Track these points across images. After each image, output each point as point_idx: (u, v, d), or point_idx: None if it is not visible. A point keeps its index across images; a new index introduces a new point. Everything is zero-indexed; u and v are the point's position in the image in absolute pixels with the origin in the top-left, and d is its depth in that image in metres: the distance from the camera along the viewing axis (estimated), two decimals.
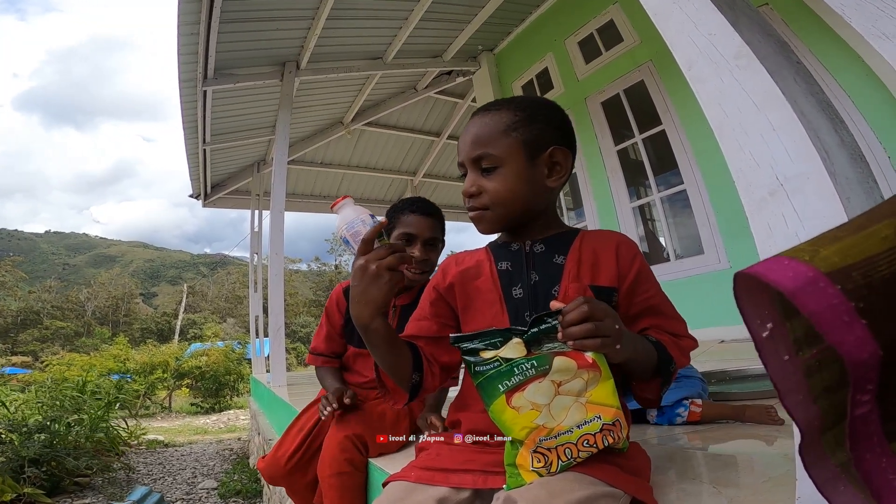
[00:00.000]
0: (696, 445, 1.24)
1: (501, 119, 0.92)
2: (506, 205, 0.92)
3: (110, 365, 12.59)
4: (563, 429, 0.75)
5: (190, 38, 4.14)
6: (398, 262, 0.85)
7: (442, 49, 5.45)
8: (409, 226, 1.52)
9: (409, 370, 0.92)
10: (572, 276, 0.91)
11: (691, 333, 0.95)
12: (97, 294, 54.40)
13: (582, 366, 0.76)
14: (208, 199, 7.67)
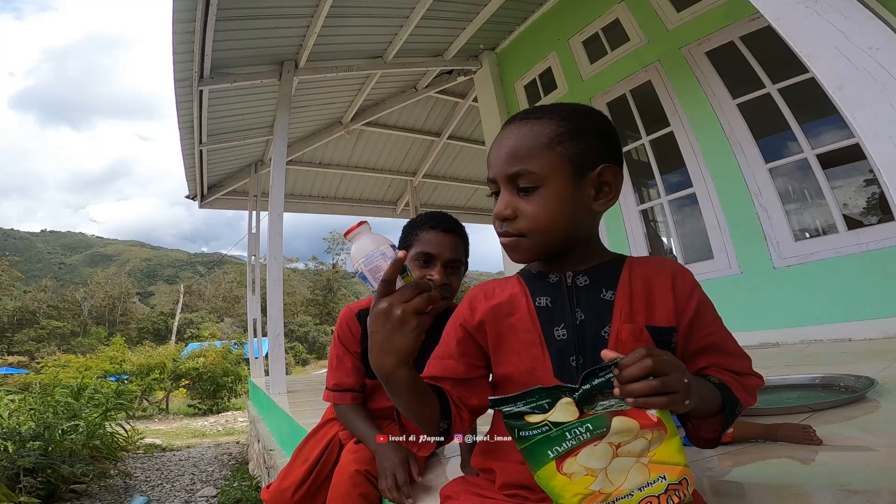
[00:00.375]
0: (732, 470, 1.16)
1: (543, 130, 0.80)
2: (546, 232, 0.80)
3: (106, 367, 12.51)
4: (623, 493, 0.66)
5: (185, 37, 4.05)
6: (426, 305, 0.74)
7: (443, 48, 5.36)
8: (429, 244, 1.34)
9: (437, 417, 0.82)
10: (625, 316, 0.80)
11: (756, 371, 0.85)
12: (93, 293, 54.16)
13: (645, 425, 0.67)
14: (205, 201, 7.61)
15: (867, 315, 2.94)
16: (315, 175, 8.14)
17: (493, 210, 0.84)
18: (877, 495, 0.84)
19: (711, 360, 0.83)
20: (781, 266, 3.35)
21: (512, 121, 0.85)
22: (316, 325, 38.79)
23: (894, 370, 2.10)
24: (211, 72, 4.54)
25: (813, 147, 3.23)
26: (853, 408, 1.58)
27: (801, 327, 3.21)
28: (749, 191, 3.51)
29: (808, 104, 3.30)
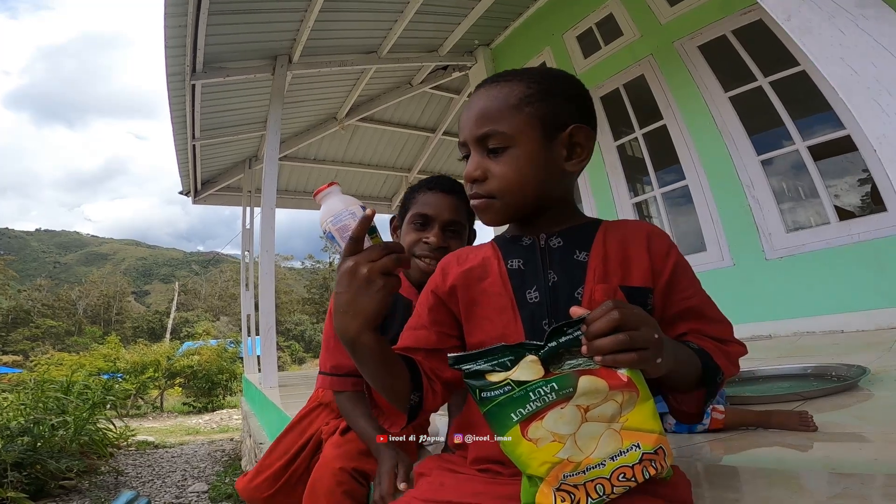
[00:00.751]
0: (724, 457, 1.15)
1: (513, 91, 0.78)
2: (517, 192, 0.78)
3: (100, 364, 12.45)
4: (594, 462, 0.62)
5: (177, 31, 4.03)
6: (395, 265, 0.70)
7: (438, 43, 5.35)
8: (426, 205, 1.24)
9: (407, 390, 0.78)
10: (599, 276, 0.77)
11: (738, 338, 0.82)
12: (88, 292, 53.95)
13: (615, 386, 0.62)
14: (198, 196, 7.58)
15: (859, 306, 2.95)
16: (310, 171, 8.12)
17: (465, 172, 0.82)
18: (870, 479, 0.84)
19: (690, 326, 0.80)
20: (773, 258, 3.36)
21: (482, 84, 0.83)
22: (313, 323, 38.72)
23: (887, 360, 2.11)
24: (204, 66, 4.53)
25: (804, 139, 3.24)
26: (846, 396, 1.58)
27: (793, 319, 3.22)
28: (741, 183, 3.52)
29: (800, 98, 3.31)
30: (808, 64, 3.16)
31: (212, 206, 8.35)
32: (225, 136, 6.25)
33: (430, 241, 1.21)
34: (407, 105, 6.83)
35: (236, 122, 6.12)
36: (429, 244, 1.21)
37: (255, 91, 5.44)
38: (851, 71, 0.55)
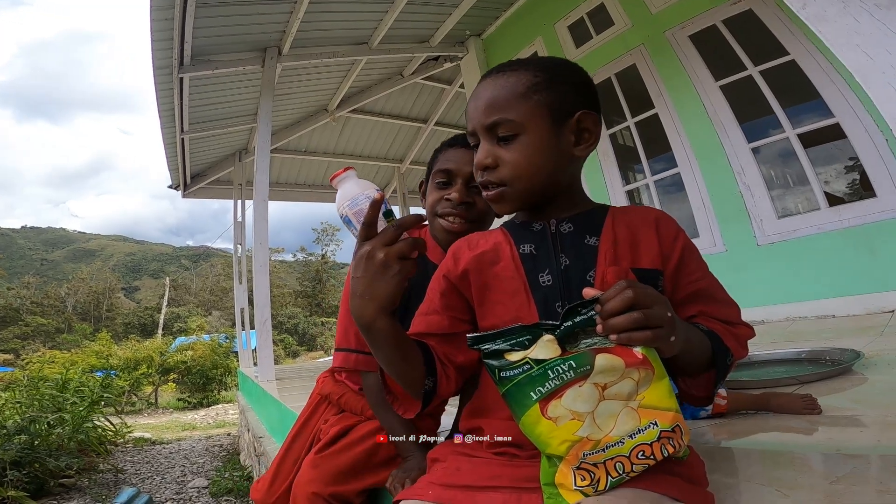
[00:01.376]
0: (730, 441, 1.17)
1: (520, 80, 0.79)
2: (528, 178, 0.79)
3: (93, 361, 12.36)
4: (613, 440, 0.63)
5: (164, 24, 3.98)
6: (411, 249, 0.71)
7: (429, 34, 5.32)
8: (447, 161, 1.18)
9: (421, 375, 0.79)
10: (609, 260, 0.78)
11: (745, 321, 0.83)
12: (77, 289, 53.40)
13: (631, 364, 0.64)
14: (188, 190, 7.52)
15: (850, 291, 3.00)
16: (301, 163, 8.07)
17: (474, 161, 0.83)
18: (876, 460, 0.86)
19: (700, 308, 0.81)
20: (765, 243, 3.41)
21: (488, 74, 0.84)
22: (306, 316, 38.66)
23: (879, 345, 2.15)
24: (191, 59, 4.47)
25: (794, 127, 3.28)
26: (841, 380, 1.61)
27: (785, 304, 3.28)
28: (732, 170, 3.56)
29: (789, 87, 3.35)
30: (797, 53, 3.19)
31: (201, 199, 8.30)
32: (214, 129, 6.18)
33: (452, 197, 1.15)
34: (398, 96, 6.79)
35: (226, 115, 6.06)
36: (451, 200, 1.15)
37: (245, 83, 5.39)
38: (867, 57, 0.57)
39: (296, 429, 1.41)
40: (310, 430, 1.38)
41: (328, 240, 47.96)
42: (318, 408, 1.41)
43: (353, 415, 1.31)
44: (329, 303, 43.76)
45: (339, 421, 1.30)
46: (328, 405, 1.39)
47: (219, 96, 5.53)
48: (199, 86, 5.07)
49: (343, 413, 1.34)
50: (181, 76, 4.59)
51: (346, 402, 1.33)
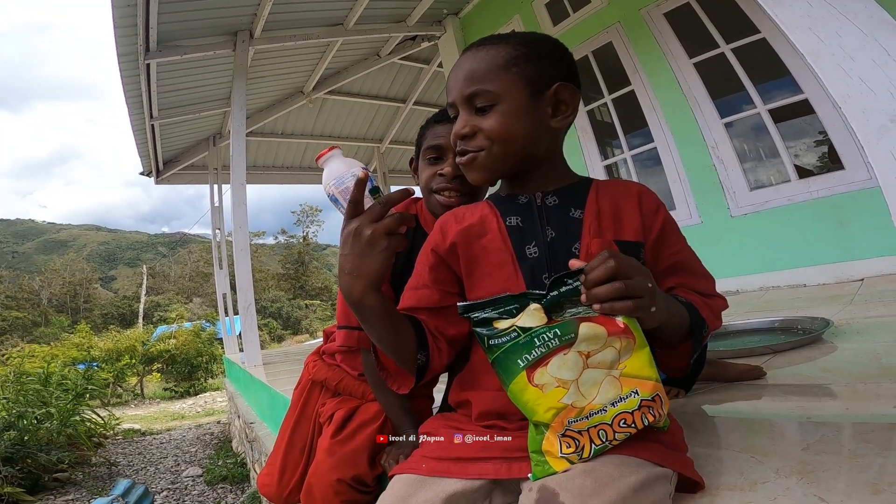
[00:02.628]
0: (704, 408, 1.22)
1: (500, 53, 0.81)
2: (504, 145, 0.80)
3: (74, 354, 12.17)
4: (596, 407, 0.66)
5: (126, 10, 3.85)
6: (398, 225, 0.72)
7: (405, 14, 5.22)
8: (436, 137, 1.16)
9: (413, 349, 0.80)
10: (594, 232, 0.80)
11: (720, 292, 0.86)
12: (50, 281, 52.01)
13: (613, 332, 0.66)
14: (161, 177, 7.37)
15: (821, 260, 3.12)
16: (278, 146, 7.94)
17: (453, 130, 0.84)
18: (844, 427, 0.91)
19: (679, 280, 0.85)
20: (738, 214, 3.52)
21: (469, 48, 0.86)
22: (289, 299, 38.31)
23: (848, 313, 2.24)
24: (158, 45, 4.34)
25: (765, 103, 3.36)
26: (812, 349, 1.68)
27: (759, 274, 3.40)
28: (706, 145, 3.64)
29: (760, 64, 3.42)
30: (767, 32, 3.24)
31: (176, 185, 8.13)
32: (186, 114, 6.03)
33: (445, 172, 1.14)
34: (376, 76, 6.69)
35: (197, 100, 5.91)
36: (444, 175, 1.14)
37: (216, 68, 5.25)
38: (818, 39, 0.60)
39: (294, 417, 1.40)
40: (309, 417, 1.37)
41: (309, 221, 47.37)
42: (311, 393, 1.40)
43: (353, 398, 1.32)
44: (312, 285, 43.43)
45: (340, 404, 1.30)
46: (323, 389, 1.38)
47: (189, 81, 5.38)
48: (168, 71, 4.93)
49: (340, 396, 1.34)
50: (148, 62, 4.46)
51: (346, 387, 1.33)
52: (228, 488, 4.15)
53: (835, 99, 0.62)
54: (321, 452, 1.22)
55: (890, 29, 0.56)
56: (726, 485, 0.76)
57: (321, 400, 1.37)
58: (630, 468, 0.65)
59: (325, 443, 1.22)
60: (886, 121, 0.56)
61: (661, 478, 0.67)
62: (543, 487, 0.64)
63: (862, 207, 2.95)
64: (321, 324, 34.05)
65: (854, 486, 0.68)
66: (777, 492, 0.71)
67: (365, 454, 1.19)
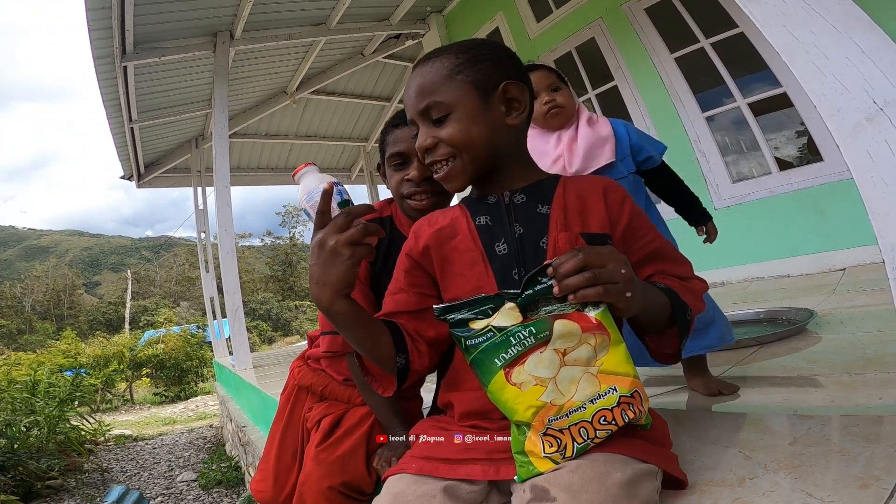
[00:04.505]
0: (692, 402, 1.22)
1: (444, 64, 0.84)
2: (467, 149, 0.83)
3: (60, 361, 12.02)
4: (575, 405, 0.66)
5: (101, 13, 3.79)
6: (362, 235, 0.73)
7: (388, 12, 5.20)
8: (397, 143, 1.16)
9: (391, 352, 0.82)
10: (560, 226, 0.82)
11: (698, 275, 0.88)
12: (33, 288, 51.11)
13: (586, 329, 0.67)
14: (143, 180, 7.27)
15: (803, 251, 3.18)
16: (262, 147, 7.87)
17: (416, 146, 0.87)
18: (829, 420, 0.92)
19: (655, 268, 0.86)
20: (721, 207, 3.57)
21: (417, 65, 0.89)
22: (278, 301, 38.03)
23: (832, 303, 2.27)
24: (135, 47, 4.27)
25: (745, 97, 3.41)
26: (797, 340, 1.70)
27: (743, 265, 3.46)
28: (689, 138, 3.69)
29: (739, 58, 3.47)
30: (745, 26, 3.29)
31: (158, 188, 8.02)
32: (166, 116, 5.95)
33: (412, 177, 1.14)
34: (360, 75, 6.65)
35: (178, 102, 5.83)
36: (412, 180, 1.15)
37: (196, 69, 5.19)
38: (793, 37, 0.60)
39: (283, 422, 1.40)
40: (297, 421, 1.38)
41: (294, 222, 46.95)
42: (298, 397, 1.41)
43: (340, 402, 1.32)
44: (301, 286, 43.08)
45: (327, 409, 1.31)
46: (309, 394, 1.39)
47: (169, 83, 5.31)
48: (146, 73, 4.86)
49: (327, 401, 1.34)
50: (125, 65, 4.39)
51: (332, 392, 1.34)
52: (224, 492, 4.14)
53: (810, 97, 0.63)
54: (309, 461, 1.22)
55: (864, 26, 0.57)
56: (715, 481, 0.77)
57: (308, 405, 1.38)
58: (616, 465, 0.66)
59: (311, 451, 1.23)
60: (861, 119, 0.56)
61: (647, 474, 0.68)
62: (534, 486, 0.66)
63: (841, 198, 3.01)
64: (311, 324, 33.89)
65: (841, 481, 0.69)
66: (765, 487, 0.72)
67: (354, 460, 1.19)
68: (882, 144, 0.55)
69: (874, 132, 0.55)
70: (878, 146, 0.55)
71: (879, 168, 0.55)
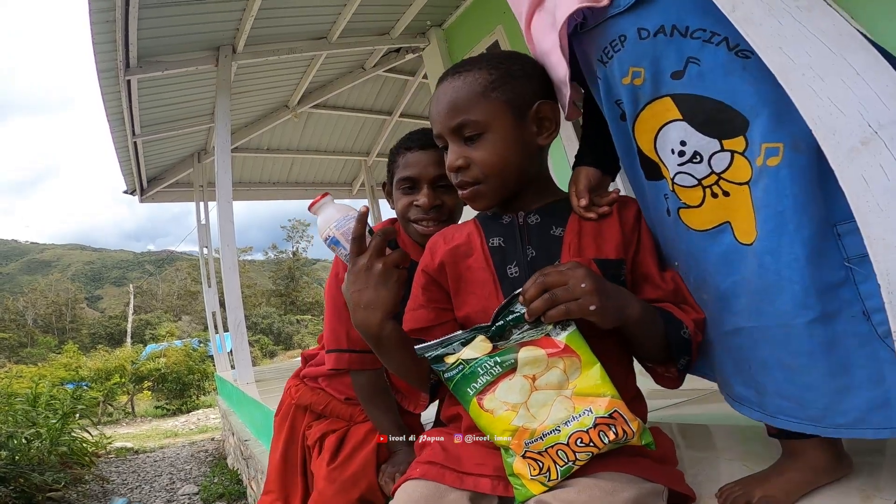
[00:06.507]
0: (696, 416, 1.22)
1: (477, 80, 0.82)
2: (500, 174, 0.81)
3: (62, 374, 12.05)
4: (548, 428, 0.67)
5: (105, 27, 3.83)
6: (402, 259, 0.76)
7: (389, 26, 5.26)
8: (408, 167, 1.16)
9: (426, 370, 0.83)
10: (573, 251, 0.81)
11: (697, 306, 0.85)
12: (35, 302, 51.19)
13: (553, 353, 0.68)
14: (146, 195, 7.30)
15: None
16: (264, 161, 7.92)
17: (446, 164, 0.85)
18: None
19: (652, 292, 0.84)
20: None
21: (445, 77, 0.87)
22: (280, 315, 38.03)
23: None
24: (138, 61, 4.32)
25: None
26: None
27: None
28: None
29: None
30: None
31: (161, 203, 8.05)
32: (169, 131, 5.99)
33: (420, 202, 1.14)
34: (361, 89, 6.70)
35: (180, 116, 5.88)
36: (420, 206, 1.15)
37: (199, 83, 5.24)
38: (788, 59, 0.60)
39: (282, 442, 1.40)
40: (298, 440, 1.38)
41: (298, 237, 47.06)
42: (296, 416, 1.40)
43: (340, 420, 1.33)
44: (303, 300, 43.15)
45: (329, 426, 1.31)
46: (307, 413, 1.39)
47: (172, 97, 5.36)
48: (150, 87, 4.91)
49: (326, 419, 1.34)
50: (128, 78, 4.43)
51: (332, 410, 1.34)
52: None
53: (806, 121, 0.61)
54: (321, 481, 1.21)
55: (858, 46, 0.56)
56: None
57: (306, 423, 1.38)
58: (622, 484, 0.67)
59: (322, 471, 1.22)
60: (857, 143, 0.55)
61: (653, 493, 0.68)
62: (540, 502, 0.66)
63: None
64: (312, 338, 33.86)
65: (845, 492, 0.69)
66: None
67: (366, 475, 1.19)
68: (877, 169, 0.54)
69: (868, 156, 0.54)
70: (872, 170, 0.54)
71: (874, 192, 0.54)
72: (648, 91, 0.78)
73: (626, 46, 0.79)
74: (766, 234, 0.68)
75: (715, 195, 0.74)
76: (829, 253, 0.65)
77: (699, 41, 0.72)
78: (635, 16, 0.77)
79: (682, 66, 0.74)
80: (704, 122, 0.73)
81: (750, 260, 0.71)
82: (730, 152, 0.72)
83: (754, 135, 0.69)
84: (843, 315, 0.65)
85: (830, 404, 0.66)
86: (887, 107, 0.53)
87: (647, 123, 0.80)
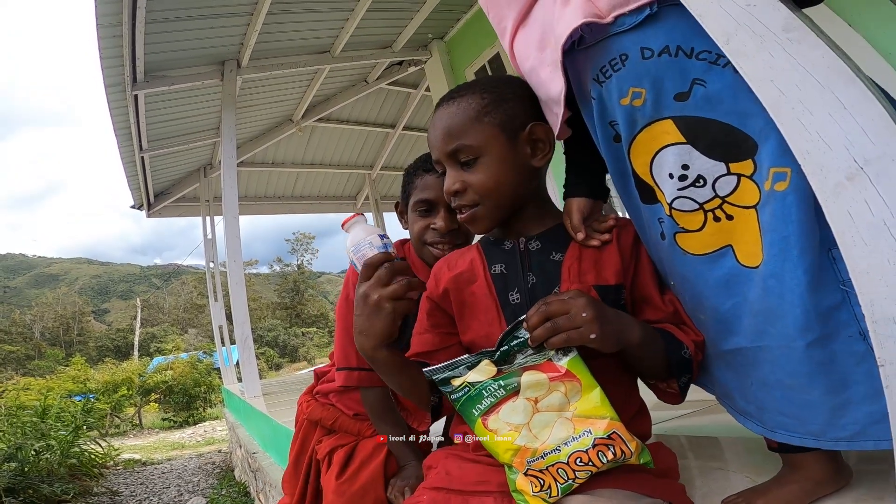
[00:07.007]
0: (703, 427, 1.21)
1: (470, 105, 0.84)
2: (496, 196, 0.84)
3: (70, 386, 12.12)
4: (549, 447, 0.70)
5: (112, 41, 3.90)
6: (404, 291, 0.78)
7: (391, 39, 5.32)
8: (426, 189, 1.15)
9: (426, 392, 0.86)
10: (573, 276, 0.82)
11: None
12: (43, 315, 51.46)
13: (554, 378, 0.71)
14: (153, 209, 7.35)
15: None
16: (269, 175, 7.98)
17: (444, 188, 0.88)
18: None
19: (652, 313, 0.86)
20: None
21: (440, 103, 0.90)
22: (286, 328, 38.03)
23: None
24: (145, 75, 4.38)
25: None
26: None
27: None
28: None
29: None
30: None
31: (167, 217, 8.07)
32: (175, 145, 6.06)
33: (437, 226, 1.14)
34: (364, 102, 6.77)
35: (187, 131, 5.95)
36: (437, 230, 1.14)
37: (205, 98, 5.31)
38: (779, 92, 0.60)
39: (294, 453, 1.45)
40: (307, 454, 1.41)
41: (303, 250, 47.16)
42: (308, 431, 1.44)
43: (349, 434, 1.35)
44: (308, 312, 43.16)
45: (337, 441, 1.33)
46: (318, 428, 1.42)
47: (178, 112, 5.43)
48: (156, 102, 4.97)
49: (335, 434, 1.37)
50: (135, 93, 4.49)
51: (341, 425, 1.36)
52: None
53: (796, 155, 0.61)
54: (330, 494, 1.23)
55: (845, 79, 0.56)
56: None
57: (317, 438, 1.41)
58: (621, 500, 0.68)
59: (331, 484, 1.24)
60: (842, 178, 0.56)
61: None
62: None
63: None
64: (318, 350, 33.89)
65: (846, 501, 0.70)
66: None
67: (375, 489, 1.21)
68: (862, 204, 0.55)
69: (854, 191, 0.55)
70: (858, 206, 0.55)
71: (860, 227, 0.55)
72: (648, 112, 0.76)
73: (626, 66, 0.77)
74: (772, 257, 0.69)
75: (717, 219, 0.74)
76: (827, 276, 0.66)
77: (705, 62, 0.71)
78: (639, 35, 0.75)
79: (686, 87, 0.73)
80: (710, 145, 0.72)
81: (755, 282, 0.72)
82: (736, 175, 0.71)
83: (763, 158, 0.69)
84: (840, 336, 0.66)
85: (830, 420, 0.68)
86: (873, 142, 0.54)
87: (644, 146, 0.79)
